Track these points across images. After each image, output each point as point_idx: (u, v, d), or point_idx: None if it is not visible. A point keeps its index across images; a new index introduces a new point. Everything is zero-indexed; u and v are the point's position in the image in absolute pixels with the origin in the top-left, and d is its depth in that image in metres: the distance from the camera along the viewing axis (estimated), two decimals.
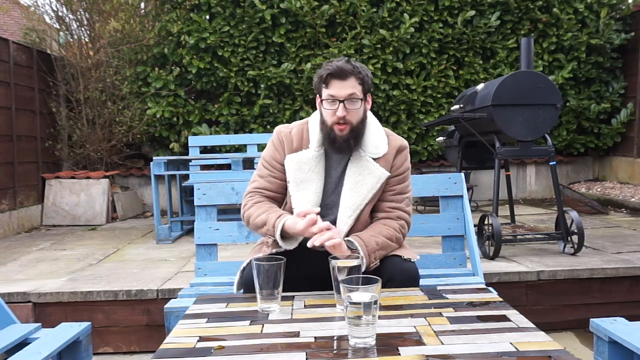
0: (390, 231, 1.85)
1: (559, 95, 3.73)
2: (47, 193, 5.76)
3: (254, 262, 1.53)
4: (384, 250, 1.82)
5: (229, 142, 5.67)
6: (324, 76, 1.78)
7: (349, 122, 1.79)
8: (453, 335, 1.31)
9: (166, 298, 2.95)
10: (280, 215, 1.80)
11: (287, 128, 1.95)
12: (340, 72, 1.76)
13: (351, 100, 1.78)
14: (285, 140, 1.92)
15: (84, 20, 6.30)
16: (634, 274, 3.37)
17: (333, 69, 1.77)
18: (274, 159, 1.93)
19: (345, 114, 1.77)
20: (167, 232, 4.61)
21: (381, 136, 1.91)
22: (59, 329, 1.94)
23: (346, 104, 1.77)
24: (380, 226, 1.86)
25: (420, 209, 5.79)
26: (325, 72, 1.78)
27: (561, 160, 6.88)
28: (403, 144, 1.94)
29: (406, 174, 1.94)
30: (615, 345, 1.80)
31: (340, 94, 1.77)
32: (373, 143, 1.88)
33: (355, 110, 1.80)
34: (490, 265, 3.43)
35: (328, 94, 1.79)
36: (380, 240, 1.80)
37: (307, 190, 1.86)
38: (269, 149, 1.96)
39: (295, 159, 1.87)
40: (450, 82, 6.37)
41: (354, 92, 1.78)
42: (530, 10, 6.38)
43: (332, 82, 1.78)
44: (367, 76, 1.83)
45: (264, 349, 1.26)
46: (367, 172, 1.85)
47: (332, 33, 6.29)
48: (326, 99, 1.80)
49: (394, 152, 1.90)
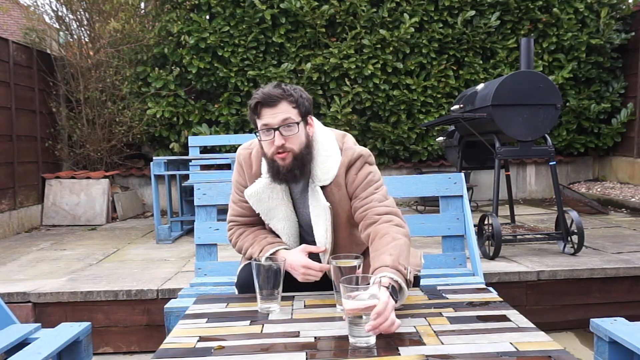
0: (392, 235, 1.60)
1: (559, 95, 3.73)
2: (47, 193, 5.76)
3: (254, 262, 1.53)
4: (404, 256, 1.55)
5: (229, 142, 5.67)
6: (252, 105, 1.65)
7: (290, 150, 1.65)
8: (453, 335, 1.31)
9: (166, 298, 2.95)
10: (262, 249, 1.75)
11: (247, 150, 1.83)
12: (269, 99, 1.62)
13: (286, 126, 1.63)
14: (244, 165, 1.82)
15: (84, 20, 6.30)
16: (634, 274, 3.36)
17: (260, 96, 1.63)
18: (239, 184, 1.85)
19: (283, 142, 1.63)
20: (167, 232, 4.61)
21: (333, 157, 1.73)
22: (59, 329, 1.94)
23: (282, 130, 1.62)
24: (383, 240, 1.59)
25: (420, 209, 5.79)
26: (254, 101, 1.64)
27: (561, 160, 6.88)
28: (353, 157, 1.73)
29: (368, 179, 1.73)
30: (615, 345, 1.80)
31: (273, 121, 1.62)
32: (322, 169, 1.72)
33: (294, 136, 1.65)
34: (490, 265, 3.43)
35: (261, 124, 1.64)
36: (395, 253, 1.53)
37: (278, 217, 1.79)
38: (235, 172, 1.86)
39: (252, 192, 1.77)
40: (450, 82, 6.36)
41: (287, 116, 1.63)
42: (530, 10, 6.38)
43: (263, 110, 1.63)
44: (302, 97, 1.67)
45: (264, 349, 1.26)
46: (316, 202, 1.74)
47: (332, 33, 6.29)
48: (261, 130, 1.65)
49: (343, 170, 1.73)
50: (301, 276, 1.68)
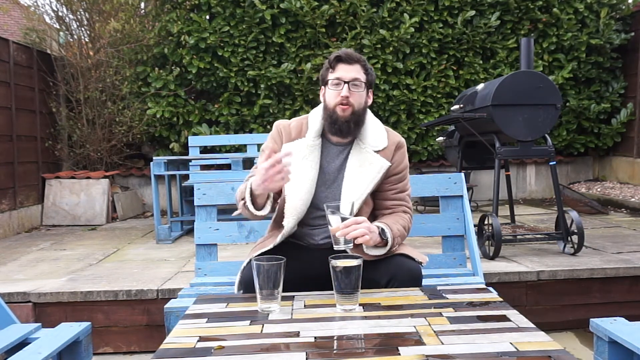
0: (403, 221, 1.90)
1: (559, 95, 3.73)
2: (47, 193, 5.76)
3: (254, 262, 1.53)
4: (402, 238, 1.87)
5: (229, 142, 5.67)
6: (332, 59, 1.87)
7: (352, 105, 1.84)
8: (453, 335, 1.31)
9: (166, 298, 2.95)
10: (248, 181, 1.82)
11: (287, 122, 2.01)
12: (348, 57, 1.85)
13: (355, 84, 1.84)
14: (283, 132, 1.97)
15: (84, 20, 6.30)
16: (634, 274, 3.36)
17: (342, 52, 1.86)
18: (271, 150, 1.94)
19: (348, 95, 1.83)
20: (167, 232, 4.61)
21: (380, 131, 1.96)
22: (59, 329, 1.94)
23: (350, 86, 1.83)
24: (394, 216, 1.91)
25: (420, 209, 5.79)
26: (334, 56, 1.87)
27: (561, 160, 6.88)
28: (401, 141, 1.99)
29: (405, 171, 1.99)
30: (615, 345, 1.80)
31: (346, 76, 1.84)
32: (372, 136, 1.92)
33: (358, 94, 1.86)
34: (490, 265, 3.43)
35: (334, 76, 1.85)
36: (399, 227, 1.85)
37: (300, 178, 1.88)
38: (268, 141, 2.00)
39: (289, 146, 1.91)
40: (450, 82, 6.36)
41: (358, 77, 1.85)
42: (530, 10, 6.38)
43: (339, 65, 1.85)
44: (372, 70, 1.92)
45: (264, 349, 1.26)
46: (368, 163, 1.89)
47: (332, 33, 6.29)
48: (331, 81, 1.86)
49: (393, 147, 1.94)
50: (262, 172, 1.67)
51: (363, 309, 1.53)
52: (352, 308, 1.51)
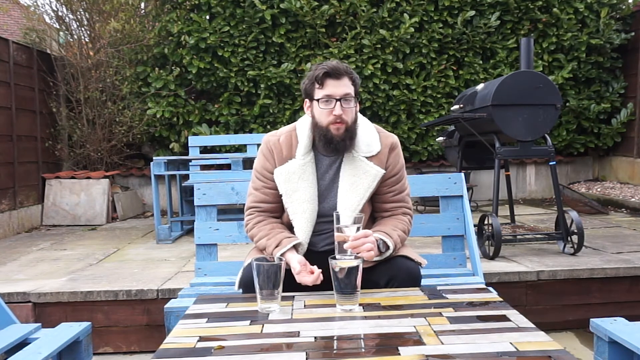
0: (403, 225, 1.90)
1: (559, 95, 3.73)
2: (47, 193, 5.76)
3: (254, 262, 1.53)
4: (402, 242, 1.87)
5: (229, 142, 5.67)
6: (319, 76, 1.77)
7: (345, 122, 1.80)
8: (453, 335, 1.31)
9: (166, 298, 2.95)
10: (279, 244, 1.81)
11: (275, 136, 1.94)
12: (336, 71, 1.77)
13: (346, 99, 1.79)
14: (274, 150, 1.91)
15: (84, 20, 6.30)
16: (634, 274, 3.36)
17: (329, 68, 1.77)
18: (265, 169, 1.92)
19: (341, 113, 1.77)
20: (167, 232, 4.61)
21: (372, 134, 1.91)
22: (59, 329, 1.94)
23: (342, 103, 1.78)
24: (393, 220, 1.91)
25: (420, 209, 5.79)
26: (321, 71, 1.77)
27: (561, 160, 6.88)
28: (394, 142, 1.94)
29: (402, 172, 1.96)
30: (615, 345, 1.80)
31: (337, 92, 1.77)
32: (365, 142, 1.88)
33: (350, 110, 1.81)
34: (490, 265, 3.43)
35: (324, 94, 1.78)
36: (399, 232, 1.86)
37: (301, 200, 1.86)
38: (260, 159, 1.95)
39: (283, 171, 1.87)
40: (450, 82, 6.36)
41: (349, 91, 1.79)
42: (530, 10, 6.38)
43: (327, 81, 1.78)
44: (357, 78, 1.86)
45: (264, 349, 1.26)
46: (362, 171, 1.86)
47: (332, 33, 6.29)
48: (322, 99, 1.79)
49: (386, 150, 1.90)
50: (297, 276, 1.71)
51: (363, 309, 1.53)
52: (352, 308, 1.51)
